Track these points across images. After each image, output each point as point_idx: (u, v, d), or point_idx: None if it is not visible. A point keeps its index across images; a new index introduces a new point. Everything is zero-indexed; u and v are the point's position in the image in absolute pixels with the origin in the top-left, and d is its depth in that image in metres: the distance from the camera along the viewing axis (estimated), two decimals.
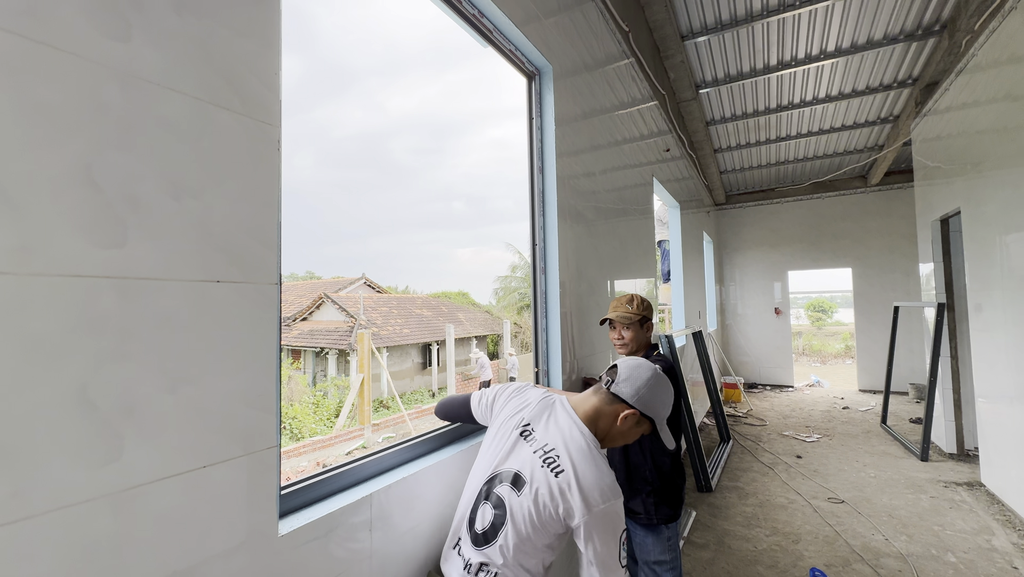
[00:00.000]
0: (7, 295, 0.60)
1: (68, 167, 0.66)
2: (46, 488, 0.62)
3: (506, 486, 1.08)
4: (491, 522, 1.07)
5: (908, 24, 4.26)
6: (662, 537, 1.78)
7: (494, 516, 1.07)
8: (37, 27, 0.63)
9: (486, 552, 1.05)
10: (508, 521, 1.05)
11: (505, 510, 1.06)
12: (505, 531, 1.05)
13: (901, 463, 4.50)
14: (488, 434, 1.22)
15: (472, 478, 1.18)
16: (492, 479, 1.12)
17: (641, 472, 1.80)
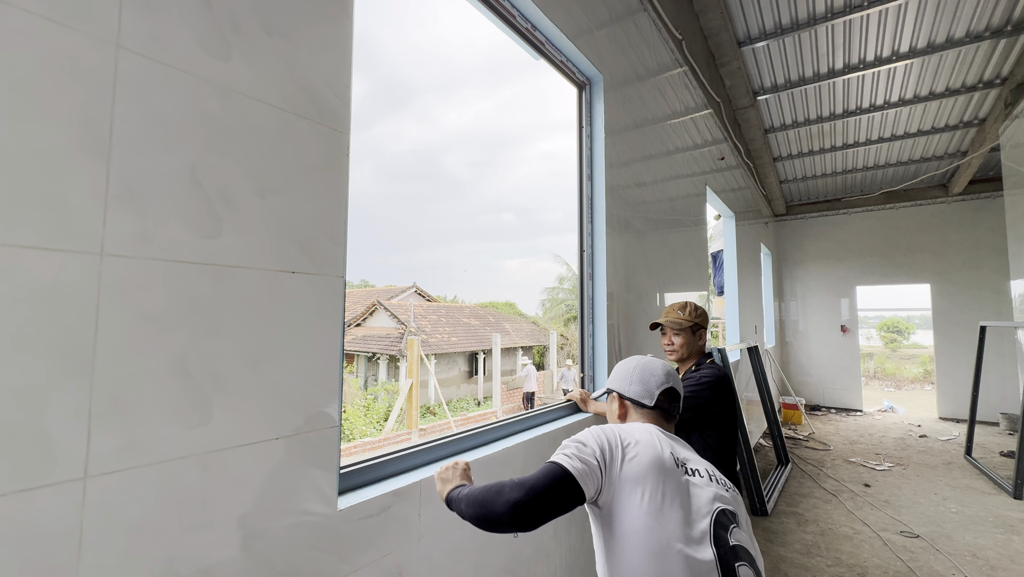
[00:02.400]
0: (129, 275, 0.70)
1: (178, 167, 0.77)
2: (152, 442, 0.71)
3: (733, 531, 0.92)
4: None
5: (995, 20, 3.94)
6: None
7: (753, 573, 0.90)
8: (159, 50, 0.75)
9: None
10: (759, 563, 0.92)
11: (752, 558, 0.92)
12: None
13: (989, 499, 4.05)
14: (639, 496, 0.90)
15: (669, 556, 0.85)
16: (718, 537, 0.89)
17: None
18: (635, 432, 1.00)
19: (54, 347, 0.63)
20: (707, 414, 1.72)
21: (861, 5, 3.80)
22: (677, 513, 0.88)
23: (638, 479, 0.90)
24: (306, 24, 0.97)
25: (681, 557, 0.84)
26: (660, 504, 0.88)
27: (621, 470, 0.91)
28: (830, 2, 3.82)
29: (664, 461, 0.94)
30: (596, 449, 0.93)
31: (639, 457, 0.93)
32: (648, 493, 0.89)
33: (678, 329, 1.88)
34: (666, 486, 0.91)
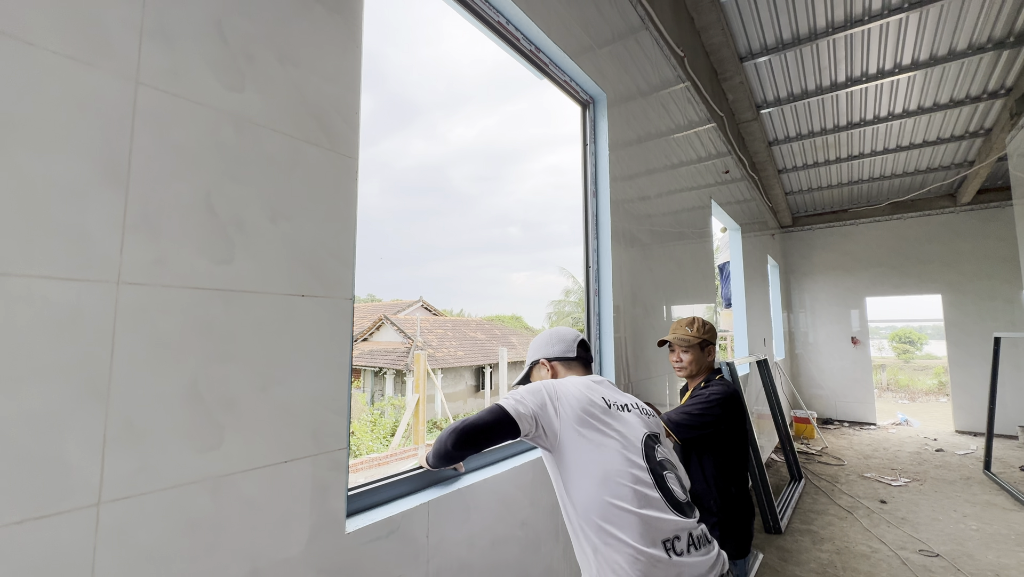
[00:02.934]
0: (144, 302, 0.72)
1: (193, 196, 0.79)
2: (164, 467, 0.72)
3: (657, 448, 1.13)
4: (680, 484, 1.11)
5: (997, 32, 3.95)
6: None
7: (676, 478, 1.11)
8: (176, 83, 0.78)
9: (696, 513, 1.10)
10: (679, 470, 1.15)
11: (674, 466, 1.14)
12: (685, 481, 1.14)
13: (1011, 516, 3.94)
14: (579, 434, 1.06)
15: (614, 477, 1.02)
16: (648, 455, 1.08)
17: (705, 502, 1.73)
18: (568, 383, 1.16)
19: (71, 374, 0.64)
20: (716, 433, 1.70)
21: (862, 20, 3.83)
22: (614, 443, 1.06)
23: (578, 420, 1.07)
24: (317, 53, 1.00)
25: (625, 476, 1.02)
26: (600, 438, 1.06)
27: (559, 414, 1.07)
28: (830, 17, 3.86)
29: (596, 402, 1.12)
30: (535, 400, 1.09)
31: (576, 402, 1.10)
32: (588, 431, 1.06)
33: (686, 346, 1.86)
34: (601, 423, 1.08)
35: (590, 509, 1.00)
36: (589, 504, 1.00)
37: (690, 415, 1.69)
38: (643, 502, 1.00)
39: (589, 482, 1.01)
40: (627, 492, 1.00)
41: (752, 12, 3.88)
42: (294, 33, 0.96)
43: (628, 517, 0.97)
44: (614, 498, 0.99)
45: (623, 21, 2.62)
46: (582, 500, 1.01)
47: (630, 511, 0.98)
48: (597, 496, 1.00)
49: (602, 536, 0.98)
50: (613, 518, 0.98)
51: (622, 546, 0.95)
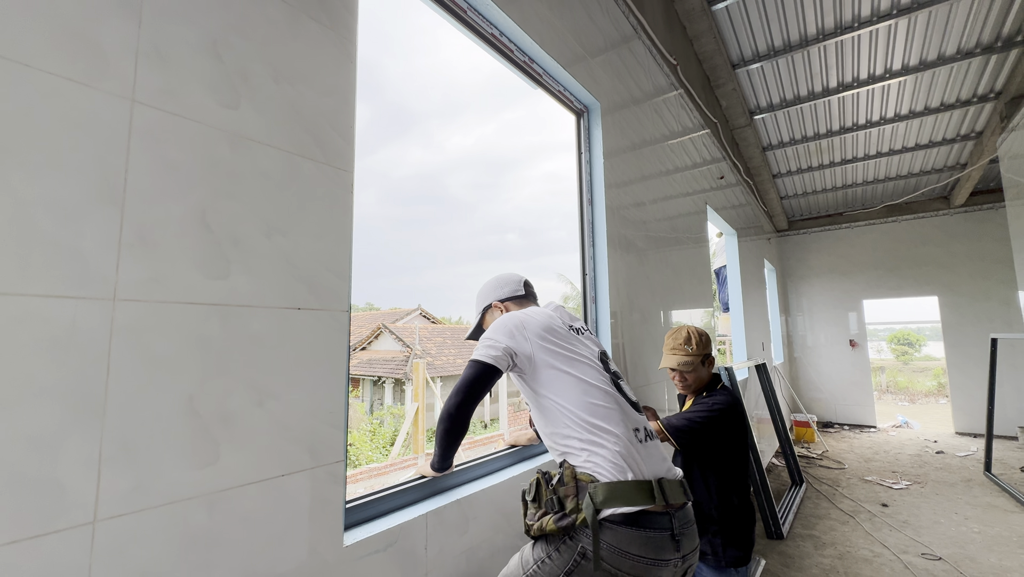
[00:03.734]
0: (140, 319, 0.72)
1: (188, 212, 0.79)
2: (160, 484, 0.72)
3: (609, 362, 1.29)
4: (630, 390, 1.27)
5: (985, 37, 4.01)
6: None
7: (626, 384, 1.28)
8: (172, 102, 0.79)
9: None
10: (625, 380, 1.31)
11: (622, 376, 1.30)
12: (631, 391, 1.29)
13: (1012, 518, 3.93)
14: (550, 353, 1.17)
15: (590, 383, 1.15)
16: (606, 368, 1.25)
17: (706, 510, 1.73)
18: (528, 311, 1.27)
19: (67, 392, 0.65)
20: (717, 441, 1.71)
21: (852, 26, 3.88)
22: (582, 357, 1.20)
23: (546, 340, 1.19)
24: (311, 69, 1.01)
25: (598, 380, 1.17)
26: (569, 354, 1.19)
27: (528, 340, 1.18)
28: (821, 24, 3.91)
29: (557, 326, 1.24)
30: (503, 335, 1.19)
31: (540, 327, 1.21)
32: (558, 348, 1.18)
33: (689, 368, 1.80)
34: (567, 341, 1.21)
35: (577, 410, 1.11)
36: (575, 407, 1.12)
37: (692, 421, 1.69)
38: (615, 400, 1.16)
39: (571, 389, 1.14)
40: (602, 393, 1.15)
41: (743, 20, 3.93)
42: (288, 50, 0.97)
43: (610, 412, 1.13)
44: (595, 399, 1.13)
45: (616, 30, 2.65)
46: (567, 405, 1.13)
47: (610, 407, 1.13)
48: (581, 399, 1.13)
49: (591, 431, 1.09)
50: (599, 413, 1.11)
51: (609, 436, 1.08)
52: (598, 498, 1.00)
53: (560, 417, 1.12)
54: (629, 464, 1.06)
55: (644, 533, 1.01)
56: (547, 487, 1.09)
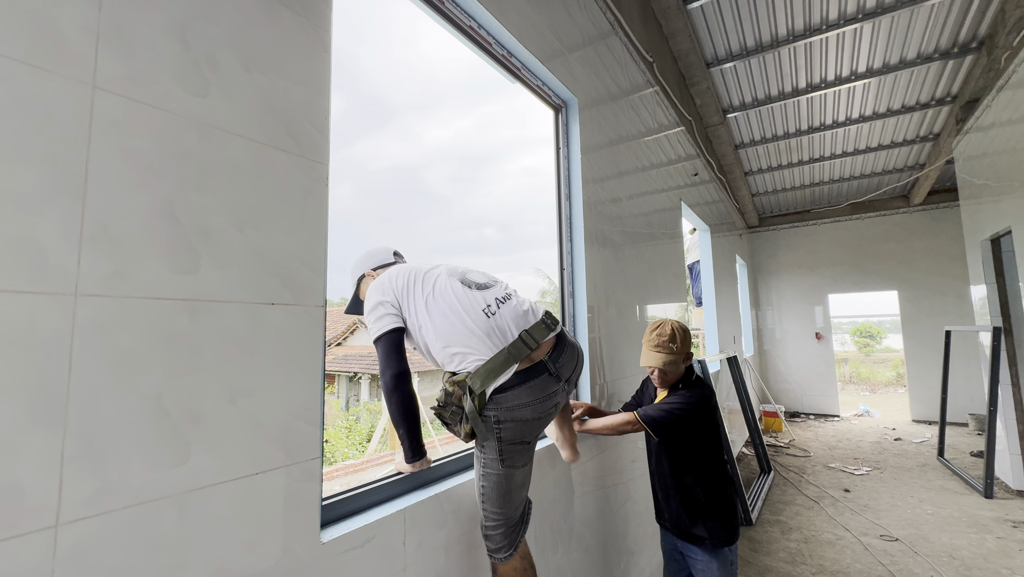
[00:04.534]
0: (103, 315, 0.70)
1: (155, 205, 0.77)
2: (127, 485, 0.70)
3: (468, 274, 1.40)
4: (481, 274, 1.40)
5: (943, 43, 4.19)
6: (726, 561, 1.74)
7: (478, 274, 1.40)
8: (137, 89, 0.75)
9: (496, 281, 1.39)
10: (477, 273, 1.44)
11: (477, 271, 1.44)
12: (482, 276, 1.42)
13: (962, 500, 4.18)
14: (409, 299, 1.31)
15: (440, 312, 1.27)
16: (464, 280, 1.36)
17: (694, 493, 1.77)
18: (397, 271, 1.36)
19: (26, 392, 0.62)
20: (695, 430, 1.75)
21: (820, 29, 4.00)
22: (438, 288, 1.29)
23: (406, 289, 1.30)
24: (284, 58, 0.99)
25: (450, 305, 1.26)
26: (428, 291, 1.29)
27: (393, 292, 1.29)
28: (791, 26, 4.02)
29: (424, 273, 1.34)
30: (382, 298, 1.28)
31: (398, 279, 1.32)
32: (415, 291, 1.29)
33: (672, 367, 1.78)
34: (423, 282, 1.31)
35: (442, 336, 1.23)
36: (438, 334, 1.24)
37: (670, 413, 1.72)
38: (466, 305, 1.26)
39: (434, 321, 1.25)
40: (457, 311, 1.25)
41: (717, 20, 4.00)
42: (260, 38, 0.95)
43: (461, 318, 1.24)
44: (451, 320, 1.24)
45: (593, 26, 2.66)
46: (433, 335, 1.24)
47: (462, 314, 1.24)
48: (441, 325, 1.24)
49: (459, 344, 1.22)
50: (457, 329, 1.23)
51: (469, 337, 1.22)
52: (476, 385, 1.17)
53: (435, 346, 1.25)
54: (493, 340, 1.22)
55: (526, 385, 1.21)
56: (447, 405, 1.22)
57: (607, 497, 2.28)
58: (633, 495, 2.58)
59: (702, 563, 1.75)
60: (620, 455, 2.49)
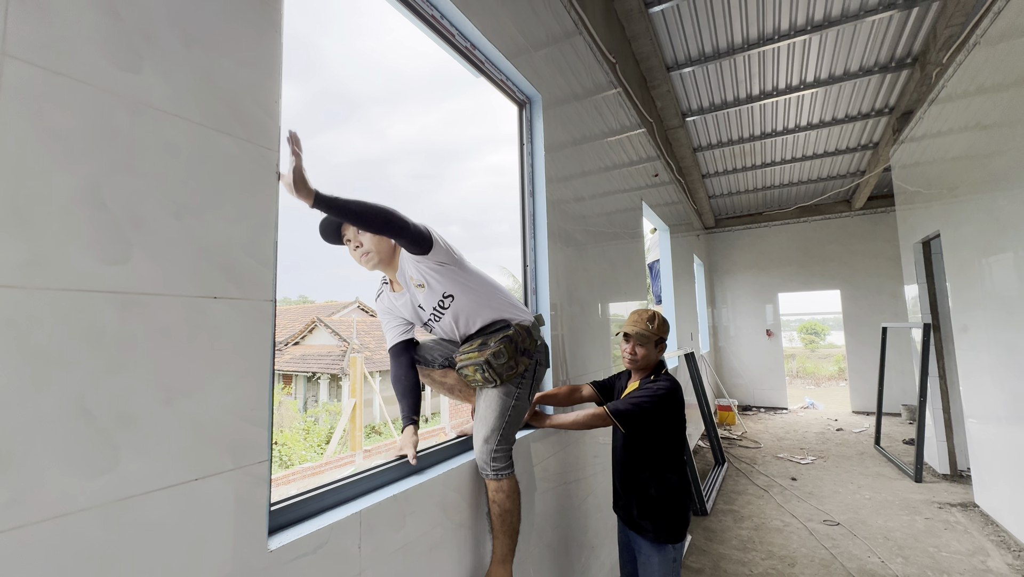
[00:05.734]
0: (14, 308, 0.63)
1: (78, 188, 0.70)
2: (43, 496, 0.63)
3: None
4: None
5: (882, 57, 4.47)
6: (667, 557, 1.77)
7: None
8: (57, 59, 0.68)
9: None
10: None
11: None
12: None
13: (895, 484, 4.49)
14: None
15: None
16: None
17: (646, 488, 1.81)
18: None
19: None
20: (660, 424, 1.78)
21: (772, 39, 4.18)
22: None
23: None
24: (229, 37, 0.93)
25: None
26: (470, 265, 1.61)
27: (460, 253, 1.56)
28: (746, 34, 4.18)
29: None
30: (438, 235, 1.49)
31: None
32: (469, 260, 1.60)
33: (644, 341, 1.89)
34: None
35: (504, 298, 1.65)
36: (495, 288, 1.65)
37: (638, 406, 1.74)
38: None
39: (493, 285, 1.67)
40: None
41: (678, 25, 4.10)
42: (203, 14, 0.88)
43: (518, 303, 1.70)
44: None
45: (558, 25, 2.67)
46: (499, 295, 1.65)
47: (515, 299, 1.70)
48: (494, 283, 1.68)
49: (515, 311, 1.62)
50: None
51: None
52: (536, 334, 1.62)
53: (492, 297, 1.58)
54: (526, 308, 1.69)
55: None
56: (499, 355, 1.47)
57: (568, 493, 2.30)
58: (595, 489, 2.62)
59: (644, 555, 1.80)
60: (583, 451, 2.51)
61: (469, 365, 1.48)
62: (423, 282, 1.49)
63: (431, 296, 1.50)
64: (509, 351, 1.48)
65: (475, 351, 1.49)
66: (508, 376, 1.49)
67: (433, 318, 1.56)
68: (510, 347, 1.49)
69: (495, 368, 1.46)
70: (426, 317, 1.57)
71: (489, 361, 1.46)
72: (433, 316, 1.55)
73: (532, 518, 1.92)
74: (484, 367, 1.45)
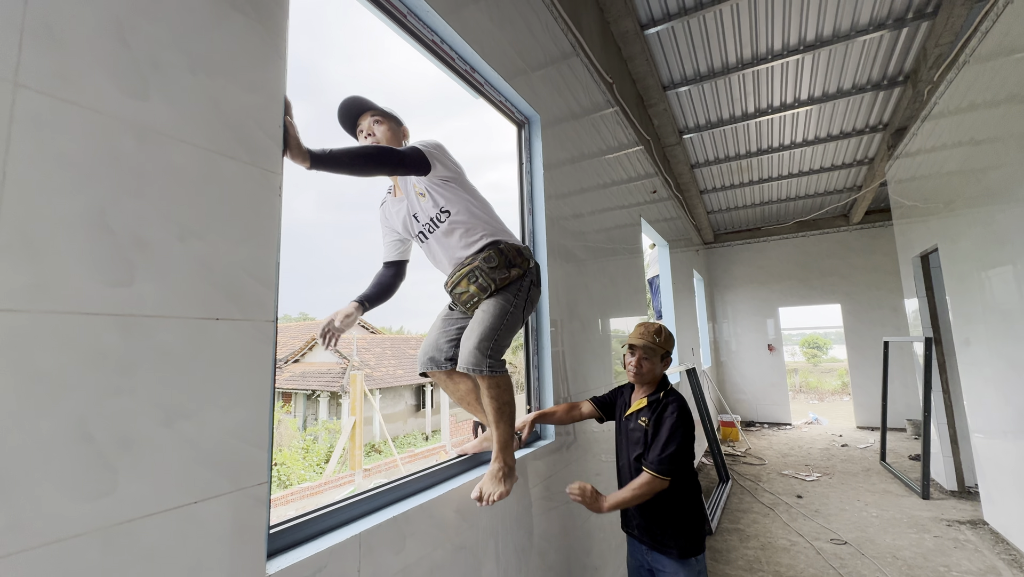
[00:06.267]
0: (19, 331, 0.63)
1: (84, 212, 0.71)
2: (42, 521, 0.63)
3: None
4: None
5: (874, 75, 4.55)
6: (693, 571, 1.73)
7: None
8: (67, 88, 0.70)
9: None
10: None
11: None
12: None
13: (903, 501, 4.42)
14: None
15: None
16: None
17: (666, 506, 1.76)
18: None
19: None
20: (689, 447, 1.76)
21: (765, 59, 4.26)
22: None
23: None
24: (235, 64, 0.95)
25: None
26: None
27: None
28: (740, 55, 4.26)
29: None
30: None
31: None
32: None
33: (650, 354, 1.86)
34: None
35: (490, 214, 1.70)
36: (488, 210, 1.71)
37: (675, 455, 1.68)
38: None
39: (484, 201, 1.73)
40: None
41: (673, 46, 4.19)
42: (209, 41, 0.91)
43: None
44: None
45: (555, 46, 2.73)
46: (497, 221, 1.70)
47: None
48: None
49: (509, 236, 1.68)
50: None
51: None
52: (530, 255, 1.67)
53: (493, 219, 1.64)
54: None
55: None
56: (500, 255, 1.55)
57: (570, 512, 2.26)
58: None
59: (669, 574, 1.75)
60: (584, 468, 2.49)
61: (462, 279, 1.55)
62: (424, 191, 1.56)
63: (430, 207, 1.56)
64: (500, 259, 1.54)
65: (465, 265, 1.56)
66: (501, 281, 1.54)
67: (428, 230, 1.59)
68: (500, 256, 1.55)
69: (486, 272, 1.52)
70: (419, 228, 1.61)
71: (480, 266, 1.52)
72: (429, 227, 1.59)
73: (533, 539, 1.89)
74: (477, 273, 1.52)
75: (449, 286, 1.62)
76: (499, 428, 1.53)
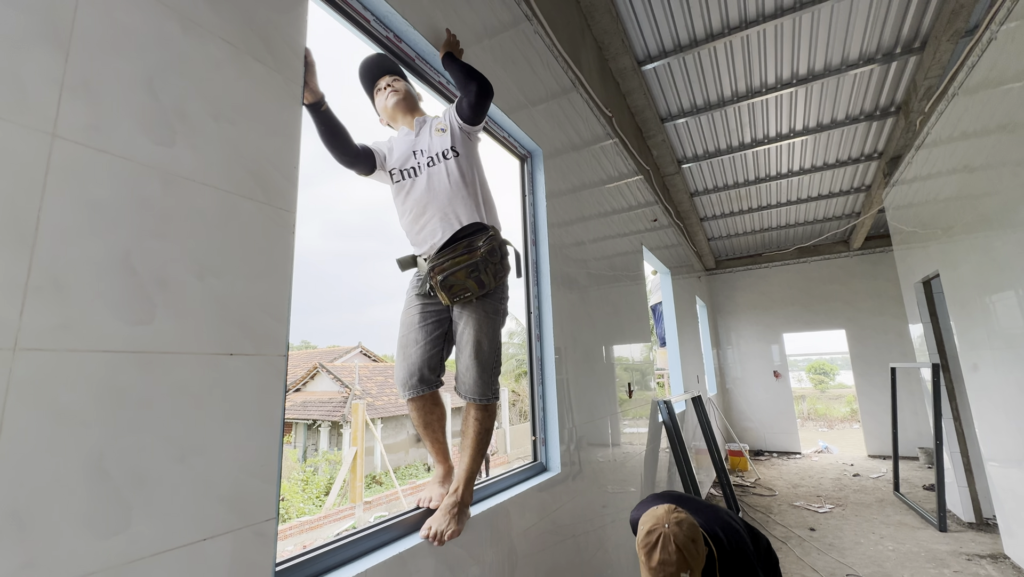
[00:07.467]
0: (43, 371, 0.65)
1: (110, 253, 0.74)
2: (56, 560, 0.63)
3: None
4: None
5: (866, 106, 4.68)
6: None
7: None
8: (100, 138, 0.75)
9: None
10: None
11: None
12: None
13: (919, 534, 4.29)
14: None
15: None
16: None
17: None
18: None
19: None
20: None
21: (760, 92, 4.40)
22: None
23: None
24: (255, 111, 1.00)
25: None
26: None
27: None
28: (735, 88, 4.40)
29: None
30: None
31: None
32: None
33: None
34: None
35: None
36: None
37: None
38: None
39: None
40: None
41: (669, 81, 4.34)
42: (231, 91, 0.96)
43: None
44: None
45: (556, 83, 2.83)
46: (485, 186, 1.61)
47: None
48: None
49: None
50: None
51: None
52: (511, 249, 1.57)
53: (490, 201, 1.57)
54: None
55: None
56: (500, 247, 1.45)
57: (578, 546, 2.21)
58: (604, 543, 2.52)
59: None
60: (591, 501, 2.44)
61: (460, 270, 1.35)
62: (447, 127, 1.50)
63: (441, 143, 1.48)
64: (497, 257, 1.44)
65: (463, 253, 1.37)
66: (499, 279, 1.44)
67: (428, 163, 1.48)
68: (498, 254, 1.45)
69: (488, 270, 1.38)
70: (415, 162, 1.49)
71: (484, 261, 1.37)
72: (429, 161, 1.48)
73: (540, 576, 1.85)
74: (480, 267, 1.36)
75: (439, 272, 1.35)
76: (474, 459, 1.44)
